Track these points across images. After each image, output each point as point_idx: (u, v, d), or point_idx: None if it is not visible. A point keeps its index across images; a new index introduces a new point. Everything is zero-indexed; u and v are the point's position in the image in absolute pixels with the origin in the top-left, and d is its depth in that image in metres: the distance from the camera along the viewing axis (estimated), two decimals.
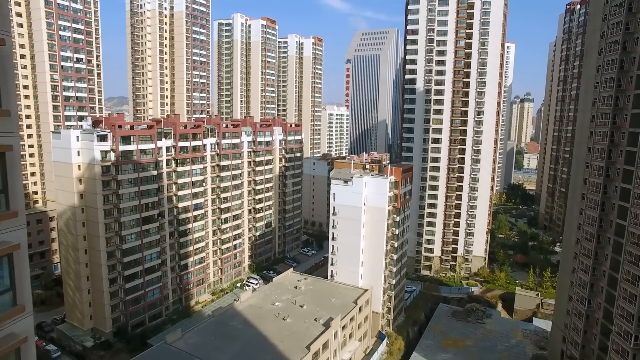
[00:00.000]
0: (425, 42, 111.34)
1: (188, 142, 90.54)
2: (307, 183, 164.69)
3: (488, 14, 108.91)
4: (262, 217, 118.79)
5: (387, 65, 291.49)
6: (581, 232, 67.45)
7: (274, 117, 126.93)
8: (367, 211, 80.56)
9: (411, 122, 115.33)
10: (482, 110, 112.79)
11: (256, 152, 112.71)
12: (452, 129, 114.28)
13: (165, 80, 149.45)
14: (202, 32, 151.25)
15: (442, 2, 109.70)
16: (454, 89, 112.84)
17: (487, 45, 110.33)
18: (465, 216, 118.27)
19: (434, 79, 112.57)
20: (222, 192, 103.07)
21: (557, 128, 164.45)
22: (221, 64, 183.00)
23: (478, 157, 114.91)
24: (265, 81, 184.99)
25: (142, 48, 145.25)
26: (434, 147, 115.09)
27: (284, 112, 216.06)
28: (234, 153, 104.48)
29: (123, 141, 76.05)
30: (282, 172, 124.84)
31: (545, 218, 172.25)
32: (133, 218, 79.14)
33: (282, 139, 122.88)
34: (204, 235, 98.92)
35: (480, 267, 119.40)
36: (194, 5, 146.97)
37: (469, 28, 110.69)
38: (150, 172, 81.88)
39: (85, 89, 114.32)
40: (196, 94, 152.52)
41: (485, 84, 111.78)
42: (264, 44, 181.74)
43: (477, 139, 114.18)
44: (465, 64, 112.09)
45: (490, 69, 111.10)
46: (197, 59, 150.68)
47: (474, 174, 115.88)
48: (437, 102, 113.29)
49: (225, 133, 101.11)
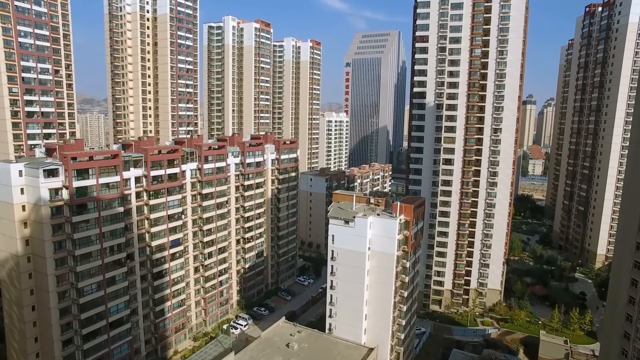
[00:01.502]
0: (437, 50, 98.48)
1: (163, 170, 77.55)
2: (304, 200, 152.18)
3: (507, 18, 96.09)
4: (252, 246, 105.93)
5: (389, 68, 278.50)
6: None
7: (267, 132, 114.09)
8: (372, 257, 67.77)
9: (420, 141, 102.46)
10: (499, 127, 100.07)
11: (245, 175, 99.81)
12: (466, 148, 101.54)
13: (149, 90, 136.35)
14: (188, 37, 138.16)
15: (455, 5, 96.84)
16: (468, 104, 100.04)
17: (506, 54, 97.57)
18: (480, 245, 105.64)
19: (445, 92, 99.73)
20: (205, 224, 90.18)
21: (575, 141, 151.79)
22: (211, 71, 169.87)
23: (494, 180, 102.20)
24: (259, 88, 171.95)
25: (122, 55, 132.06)
26: (446, 168, 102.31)
27: (279, 121, 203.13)
28: (218, 178, 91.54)
29: (79, 175, 63.05)
30: (275, 195, 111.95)
31: (560, 237, 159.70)
32: (93, 266, 66.20)
33: (275, 159, 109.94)
34: (184, 274, 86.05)
35: (496, 302, 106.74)
36: (180, 7, 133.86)
37: (485, 35, 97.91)
38: (115, 210, 68.93)
39: (52, 103, 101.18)
40: (182, 105, 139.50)
41: (503, 97, 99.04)
42: (257, 48, 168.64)
43: (493, 159, 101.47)
44: (481, 75, 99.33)
45: (509, 81, 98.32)
46: (183, 66, 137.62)
47: (490, 199, 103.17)
48: (450, 118, 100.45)
49: (208, 156, 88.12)
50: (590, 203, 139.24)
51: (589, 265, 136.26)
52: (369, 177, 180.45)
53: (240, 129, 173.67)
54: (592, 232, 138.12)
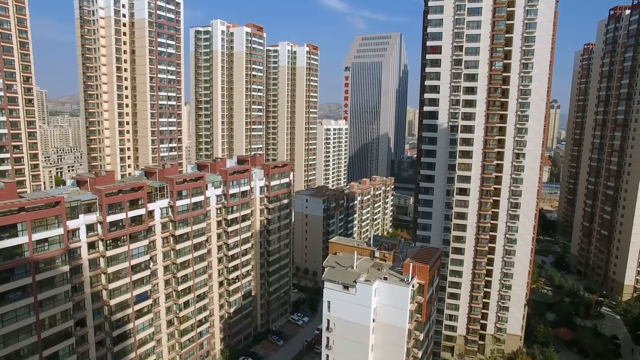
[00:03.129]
0: (451, 63, 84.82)
1: (123, 214, 63.98)
2: (299, 223, 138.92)
3: (533, 26, 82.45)
4: (238, 287, 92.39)
5: (390, 73, 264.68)
6: None
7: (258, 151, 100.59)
8: (378, 329, 54.30)
9: (430, 168, 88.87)
10: (522, 151, 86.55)
11: (228, 208, 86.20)
12: (483, 176, 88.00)
13: (126, 104, 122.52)
14: (170, 44, 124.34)
15: (473, 11, 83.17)
16: (487, 125, 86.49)
17: (531, 68, 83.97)
18: (498, 286, 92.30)
19: (461, 111, 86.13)
20: (180, 270, 76.64)
21: (596, 157, 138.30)
22: (199, 79, 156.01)
23: (516, 212, 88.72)
24: (251, 98, 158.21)
25: (96, 65, 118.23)
26: (460, 199, 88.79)
27: (274, 131, 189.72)
28: (196, 215, 77.93)
29: (1, 233, 49.46)
30: (265, 226, 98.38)
31: (579, 261, 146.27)
32: (26, 344, 52.67)
33: (264, 185, 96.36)
34: (154, 331, 72.54)
35: (517, 349, 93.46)
36: (160, 11, 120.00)
37: (507, 45, 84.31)
38: (57, 269, 55.38)
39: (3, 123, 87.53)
40: (164, 120, 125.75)
41: (527, 118, 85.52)
42: (249, 54, 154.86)
43: (515, 188, 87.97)
44: (502, 92, 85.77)
45: (534, 99, 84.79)
46: (164, 76, 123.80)
47: (511, 234, 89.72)
48: (465, 142, 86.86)
49: (182, 191, 74.48)
50: (616, 227, 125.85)
51: (615, 297, 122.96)
52: (369, 194, 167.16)
53: (231, 141, 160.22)
54: (617, 259, 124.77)
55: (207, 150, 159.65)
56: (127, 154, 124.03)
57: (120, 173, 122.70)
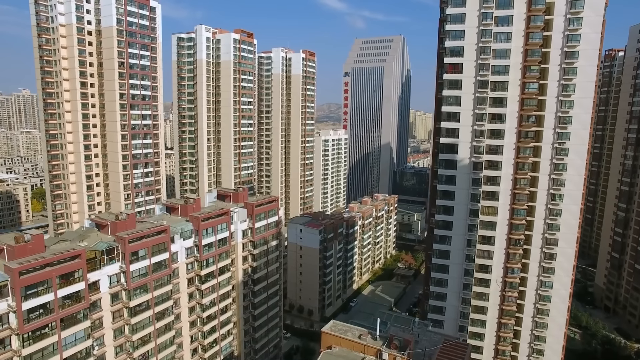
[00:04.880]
0: (475, 85, 69.15)
1: (51, 295, 48.42)
2: (293, 255, 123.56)
3: (576, 39, 66.77)
4: (216, 352, 76.86)
5: (392, 79, 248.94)
6: None
7: (238, 188, 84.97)
8: None
9: (447, 213, 73.15)
10: (559, 192, 71.00)
11: (201, 262, 70.63)
12: (512, 222, 72.45)
13: (93, 124, 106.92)
14: (144, 55, 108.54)
15: (502, 20, 67.45)
16: (517, 160, 70.88)
17: (573, 90, 68.38)
18: (528, 350, 76.84)
19: (485, 144, 70.51)
20: (138, 347, 61.13)
21: (628, 181, 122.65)
22: (182, 92, 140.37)
23: (550, 265, 73.29)
24: (240, 112, 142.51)
25: (57, 79, 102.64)
26: (483, 249, 73.23)
27: (267, 144, 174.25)
28: (158, 278, 62.42)
29: None
30: (249, 276, 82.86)
31: (606, 296, 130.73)
32: None
33: (248, 228, 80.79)
34: None
35: None
36: (131, 18, 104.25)
37: (543, 62, 68.68)
38: None
39: None
40: (137, 142, 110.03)
41: (566, 151, 69.95)
42: (237, 63, 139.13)
43: (550, 236, 72.44)
44: (536, 120, 70.18)
45: (575, 128, 69.24)
46: (137, 92, 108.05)
47: (544, 290, 74.28)
48: (491, 181, 71.28)
49: (137, 251, 58.87)
50: None
51: None
52: (371, 216, 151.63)
53: (218, 160, 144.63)
54: None
55: (191, 170, 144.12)
56: (95, 181, 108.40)
57: (87, 203, 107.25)
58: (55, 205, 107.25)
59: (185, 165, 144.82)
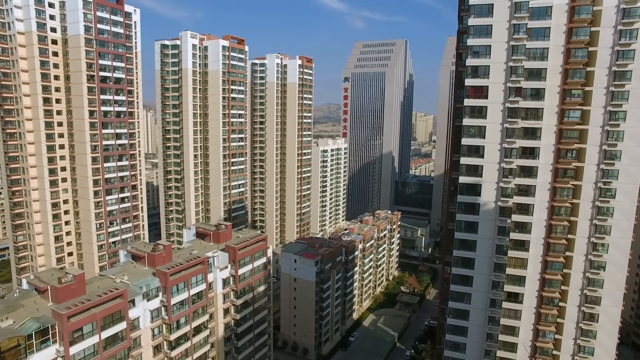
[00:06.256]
0: (504, 113, 56.83)
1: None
2: (286, 286, 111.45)
3: (628, 56, 54.43)
4: None
5: (394, 84, 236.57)
6: None
7: (219, 226, 72.71)
8: None
9: (468, 266, 60.85)
10: (603, 241, 58.74)
11: (170, 325, 58.34)
12: (545, 277, 60.20)
13: (59, 145, 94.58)
14: (118, 67, 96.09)
15: (537, 33, 55.10)
16: (552, 204, 58.62)
17: (622, 118, 56.20)
18: None
19: (514, 184, 58.23)
20: None
21: None
22: (166, 104, 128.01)
23: (590, 327, 61.02)
24: (230, 126, 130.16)
25: (17, 94, 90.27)
26: (510, 308, 61.00)
27: (261, 157, 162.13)
28: (112, 355, 50.07)
29: None
30: (232, 330, 70.56)
31: (634, 331, 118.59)
32: None
33: (230, 276, 68.50)
34: None
35: None
36: (102, 25, 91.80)
37: (587, 84, 56.42)
38: None
39: None
40: (111, 164, 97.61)
41: (613, 193, 57.72)
42: (226, 73, 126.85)
43: (591, 292, 60.20)
44: (577, 154, 57.92)
45: (624, 164, 56.97)
46: (109, 109, 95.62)
47: (582, 356, 61.98)
48: (520, 228, 59.03)
49: (82, 327, 46.51)
50: None
51: None
52: (373, 238, 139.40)
53: (206, 177, 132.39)
54: None
55: (177, 190, 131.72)
56: (62, 209, 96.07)
57: (54, 234, 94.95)
58: (16, 237, 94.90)
59: (171, 183, 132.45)
